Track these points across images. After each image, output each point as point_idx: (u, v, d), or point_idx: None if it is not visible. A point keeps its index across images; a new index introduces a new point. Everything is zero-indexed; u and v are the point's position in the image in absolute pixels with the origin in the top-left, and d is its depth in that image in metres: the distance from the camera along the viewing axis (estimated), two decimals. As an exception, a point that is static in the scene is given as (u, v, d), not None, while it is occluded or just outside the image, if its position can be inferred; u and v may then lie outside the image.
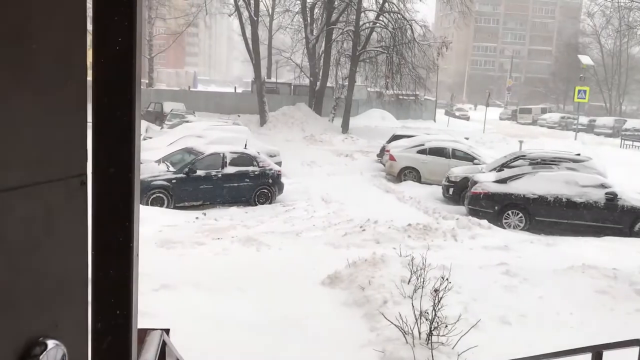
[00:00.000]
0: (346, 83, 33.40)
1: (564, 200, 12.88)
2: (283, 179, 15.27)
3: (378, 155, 22.72)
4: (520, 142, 26.25)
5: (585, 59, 42.54)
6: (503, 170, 14.89)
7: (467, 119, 53.65)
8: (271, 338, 5.93)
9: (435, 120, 46.40)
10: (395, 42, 31.72)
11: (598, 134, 46.98)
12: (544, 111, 59.39)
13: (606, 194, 12.82)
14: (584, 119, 50.41)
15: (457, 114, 56.83)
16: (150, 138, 19.90)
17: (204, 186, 13.79)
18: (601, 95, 65.57)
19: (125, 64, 1.19)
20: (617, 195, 12.79)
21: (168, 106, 31.05)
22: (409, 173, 18.47)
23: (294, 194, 15.49)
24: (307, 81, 36.77)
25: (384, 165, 20.05)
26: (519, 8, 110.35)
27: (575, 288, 7.51)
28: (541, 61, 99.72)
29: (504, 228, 12.80)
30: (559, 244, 11.22)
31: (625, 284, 7.72)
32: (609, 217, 12.74)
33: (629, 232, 12.57)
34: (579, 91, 36.06)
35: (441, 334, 5.38)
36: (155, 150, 15.60)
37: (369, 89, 42.56)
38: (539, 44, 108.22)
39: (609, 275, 7.98)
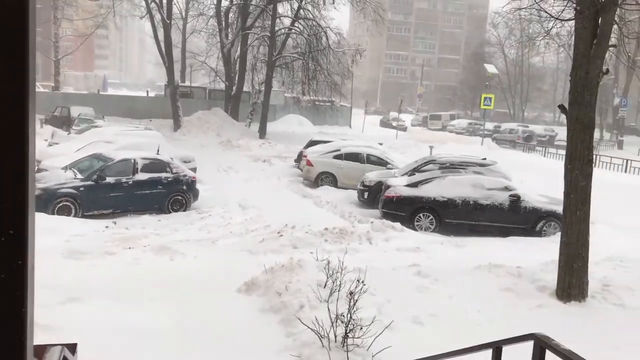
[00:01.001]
0: (263, 88, 33.34)
1: (471, 202, 13.46)
2: (198, 185, 14.99)
3: (296, 161, 22.81)
4: (431, 147, 27.19)
5: (490, 68, 44.86)
6: (414, 174, 15.36)
7: (405, 129, 51.18)
8: (186, 348, 5.80)
9: (351, 126, 47.22)
10: (310, 48, 32.03)
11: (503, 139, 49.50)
12: (452, 117, 61.80)
13: (510, 196, 13.52)
14: (490, 125, 52.95)
15: (394, 124, 51.65)
16: (57, 144, 18.95)
17: (114, 194, 13.30)
18: (505, 102, 69.25)
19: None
20: (520, 197, 13.52)
21: (76, 110, 29.62)
22: (325, 178, 18.67)
23: (209, 200, 15.25)
24: (222, 86, 36.36)
25: (302, 170, 20.17)
26: (429, 18, 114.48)
27: (482, 286, 7.87)
28: (450, 69, 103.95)
29: (416, 230, 13.21)
30: (467, 245, 11.72)
31: (528, 281, 8.17)
32: (513, 218, 13.45)
33: (531, 232, 13.31)
34: (485, 98, 37.84)
35: (356, 336, 5.46)
36: (62, 157, 14.88)
37: (285, 94, 42.68)
38: (448, 52, 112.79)
39: (513, 273, 8.42)
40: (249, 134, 31.66)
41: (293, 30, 33.24)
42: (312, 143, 22.30)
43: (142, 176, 13.69)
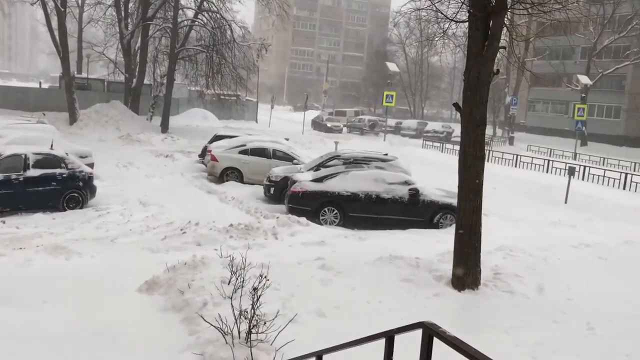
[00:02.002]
0: (165, 81, 32.39)
1: (373, 196, 13.83)
2: (96, 182, 14.35)
3: (200, 156, 22.39)
4: (336, 142, 27.64)
5: (392, 66, 46.10)
6: (320, 169, 15.54)
7: (340, 131, 49.53)
8: (84, 351, 5.56)
9: (257, 121, 47.00)
10: (214, 41, 31.52)
11: (404, 135, 51.27)
12: (357, 114, 63.03)
13: (410, 190, 14.03)
14: (392, 122, 54.62)
15: (329, 125, 48.73)
16: None
17: (3, 191, 12.46)
18: (406, 99, 71.63)
19: None
20: (419, 191, 14.06)
21: (-43, 102, 27.40)
22: (231, 173, 18.46)
23: (108, 197, 14.64)
24: (122, 78, 34.94)
25: (206, 165, 19.82)
26: (333, 15, 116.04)
27: (383, 277, 8.12)
28: (354, 66, 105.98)
29: (321, 224, 13.39)
30: (370, 238, 12.04)
31: (426, 271, 8.53)
32: (412, 211, 13.95)
33: (429, 224, 13.89)
34: (387, 96, 39.01)
35: (260, 331, 5.46)
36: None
37: (189, 87, 41.76)
38: (352, 50, 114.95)
39: (412, 264, 8.75)
40: (150, 128, 30.68)
41: (196, 23, 32.56)
42: (217, 138, 21.98)
43: (34, 172, 12.91)
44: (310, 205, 13.74)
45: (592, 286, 8.65)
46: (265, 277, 5.93)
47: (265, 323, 5.46)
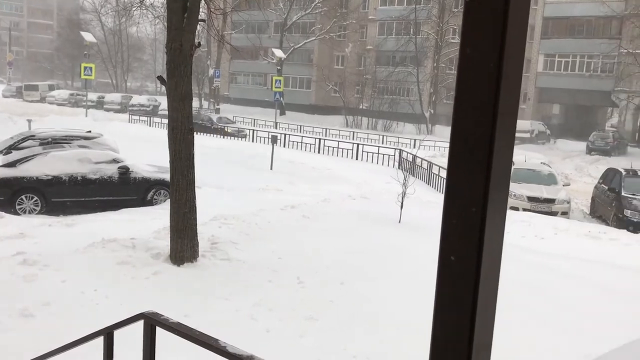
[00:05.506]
0: None
1: (79, 178, 12.83)
2: None
3: None
4: (29, 121, 24.71)
5: (88, 36, 42.83)
6: (11, 152, 13.80)
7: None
8: None
9: None
10: None
11: (108, 110, 48.59)
12: (52, 88, 57.54)
13: (119, 168, 13.38)
14: (93, 96, 51.21)
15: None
16: None
17: None
18: (107, 72, 67.85)
19: None
20: (129, 169, 13.51)
21: None
22: None
23: None
24: None
25: None
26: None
27: (97, 264, 7.62)
28: (44, 35, 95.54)
29: (19, 214, 11.95)
30: (78, 223, 11.17)
31: (143, 250, 8.28)
32: (124, 190, 13.37)
33: (143, 202, 13.50)
34: (85, 68, 36.30)
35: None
36: None
37: None
38: (40, 17, 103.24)
39: (127, 245, 8.40)
40: None
41: None
42: None
43: None
44: (3, 194, 12.11)
45: (299, 243, 9.50)
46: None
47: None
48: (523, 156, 21.70)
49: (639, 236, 12.40)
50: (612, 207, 15.74)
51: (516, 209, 15.10)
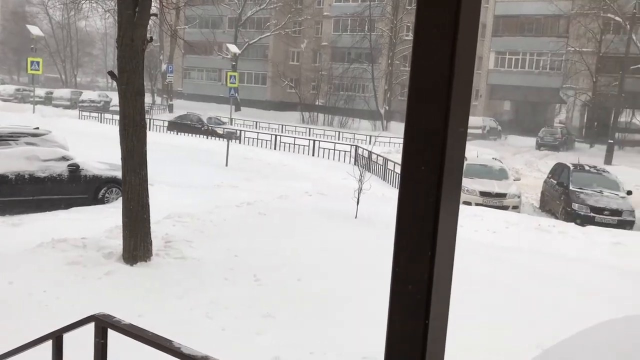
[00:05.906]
0: None
1: (26, 176, 12.40)
2: None
3: None
4: (-28, 117, 23.79)
5: (34, 30, 41.38)
6: (-47, 150, 13.21)
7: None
8: None
9: None
10: None
11: (57, 106, 47.07)
12: (-4, 83, 55.51)
13: (69, 166, 13.00)
14: (41, 91, 49.64)
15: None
16: None
17: None
18: (56, 67, 65.85)
19: None
20: (79, 167, 13.13)
21: None
22: None
23: None
24: None
25: None
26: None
27: (46, 265, 7.39)
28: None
29: (-38, 215, 11.47)
30: (26, 223, 10.80)
31: (94, 250, 8.08)
32: (74, 189, 12.99)
33: (94, 200, 13.15)
34: (32, 62, 35.04)
35: None
36: None
37: None
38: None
39: (78, 245, 8.18)
40: None
41: None
42: None
43: None
44: (-55, 194, 11.61)
45: (255, 241, 9.45)
46: None
47: None
48: (475, 152, 22.23)
49: (586, 229, 12.85)
50: (560, 200, 16.26)
51: (469, 203, 15.41)
